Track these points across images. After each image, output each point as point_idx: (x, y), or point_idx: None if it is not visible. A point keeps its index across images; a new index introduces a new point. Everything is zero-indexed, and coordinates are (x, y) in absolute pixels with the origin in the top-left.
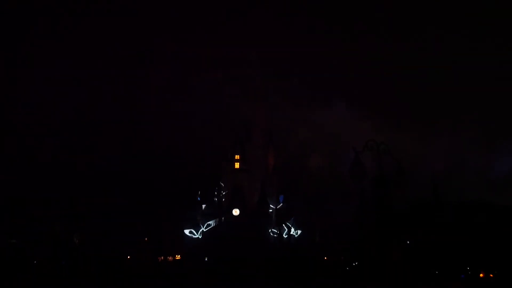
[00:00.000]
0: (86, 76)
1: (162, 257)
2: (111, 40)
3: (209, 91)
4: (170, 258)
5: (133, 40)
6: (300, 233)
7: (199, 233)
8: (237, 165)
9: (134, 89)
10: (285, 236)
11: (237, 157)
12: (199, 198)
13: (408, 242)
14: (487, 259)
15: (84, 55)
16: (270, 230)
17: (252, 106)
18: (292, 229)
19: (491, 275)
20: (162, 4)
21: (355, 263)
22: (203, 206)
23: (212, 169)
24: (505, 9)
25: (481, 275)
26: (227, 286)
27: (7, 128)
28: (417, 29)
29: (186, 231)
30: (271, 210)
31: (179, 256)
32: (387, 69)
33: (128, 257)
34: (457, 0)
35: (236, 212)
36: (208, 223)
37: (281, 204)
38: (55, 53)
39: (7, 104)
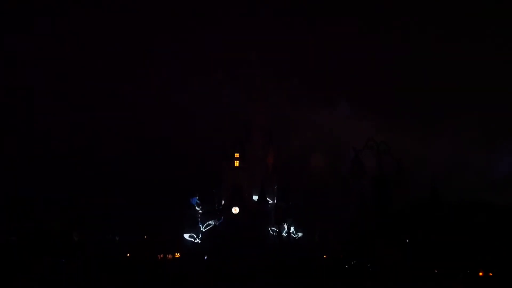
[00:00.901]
0: (86, 76)
1: (162, 255)
2: (111, 40)
3: (209, 91)
4: (170, 256)
5: (133, 40)
6: (300, 233)
7: (199, 238)
8: (237, 163)
9: (134, 89)
10: (284, 235)
11: (236, 155)
12: (198, 197)
13: (407, 241)
14: (487, 258)
15: (84, 55)
16: (269, 229)
17: (252, 106)
18: (292, 229)
19: (490, 274)
20: (162, 4)
21: (354, 262)
22: (203, 205)
23: (212, 168)
24: (505, 9)
25: (480, 274)
26: (227, 285)
27: (7, 128)
28: (417, 30)
29: (186, 236)
30: (271, 202)
31: (178, 254)
32: (387, 69)
33: (128, 255)
34: (457, 0)
35: (235, 210)
36: (207, 222)
37: (279, 197)
38: (55, 52)
39: (7, 104)
